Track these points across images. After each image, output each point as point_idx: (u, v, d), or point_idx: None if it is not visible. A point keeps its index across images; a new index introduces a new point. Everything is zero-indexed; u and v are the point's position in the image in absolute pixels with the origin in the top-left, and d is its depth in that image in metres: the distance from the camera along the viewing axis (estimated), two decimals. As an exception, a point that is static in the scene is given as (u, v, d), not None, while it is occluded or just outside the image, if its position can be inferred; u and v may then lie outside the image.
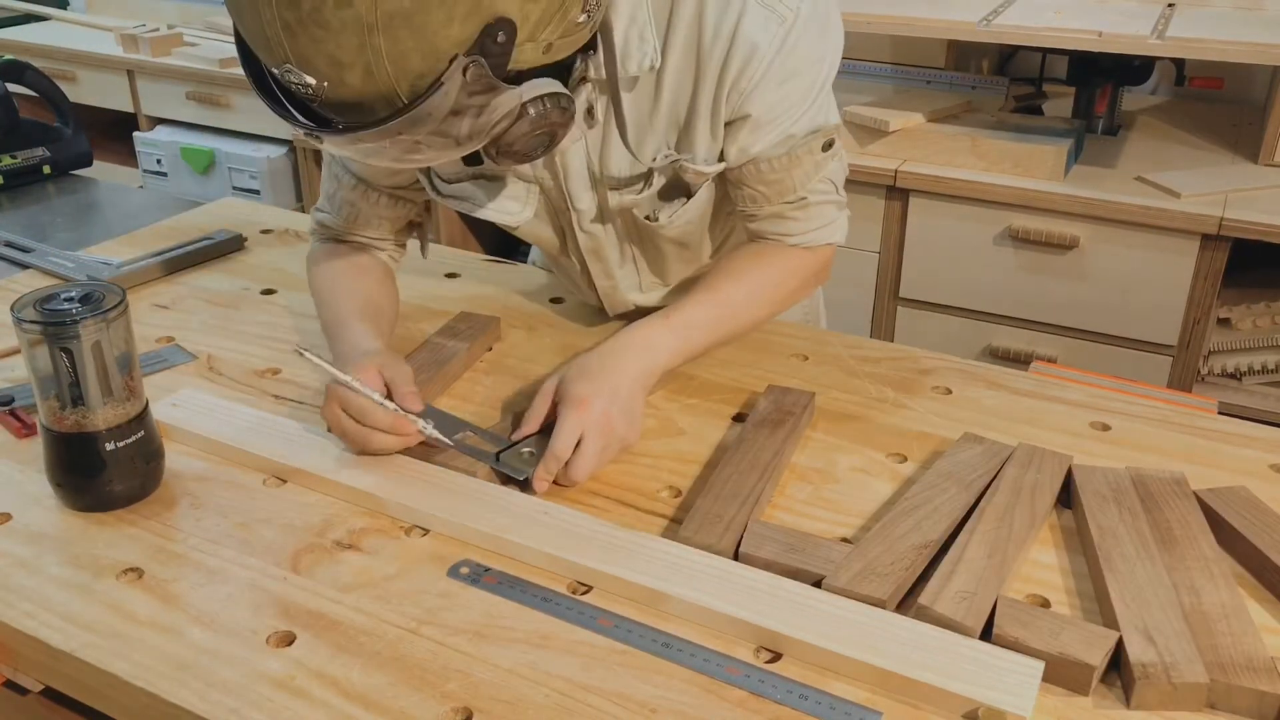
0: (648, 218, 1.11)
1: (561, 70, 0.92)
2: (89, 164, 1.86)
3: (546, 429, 0.98)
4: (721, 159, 1.06)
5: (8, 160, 1.75)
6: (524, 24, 0.82)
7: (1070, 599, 0.84)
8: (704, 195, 1.11)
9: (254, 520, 0.92)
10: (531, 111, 0.86)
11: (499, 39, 0.81)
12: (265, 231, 1.53)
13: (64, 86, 1.94)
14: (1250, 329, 2.18)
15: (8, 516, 0.93)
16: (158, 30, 3.21)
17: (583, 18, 0.88)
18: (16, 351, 1.15)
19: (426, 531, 0.91)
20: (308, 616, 0.81)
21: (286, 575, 0.86)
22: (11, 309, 0.88)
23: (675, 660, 0.77)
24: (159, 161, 3.17)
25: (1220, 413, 1.10)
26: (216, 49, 3.10)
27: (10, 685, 0.84)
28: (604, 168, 1.08)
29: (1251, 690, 0.73)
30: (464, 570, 0.86)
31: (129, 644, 0.79)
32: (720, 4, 0.98)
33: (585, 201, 1.11)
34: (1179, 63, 2.47)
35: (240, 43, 0.86)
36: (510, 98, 0.84)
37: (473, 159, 0.96)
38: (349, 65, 0.78)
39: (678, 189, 1.10)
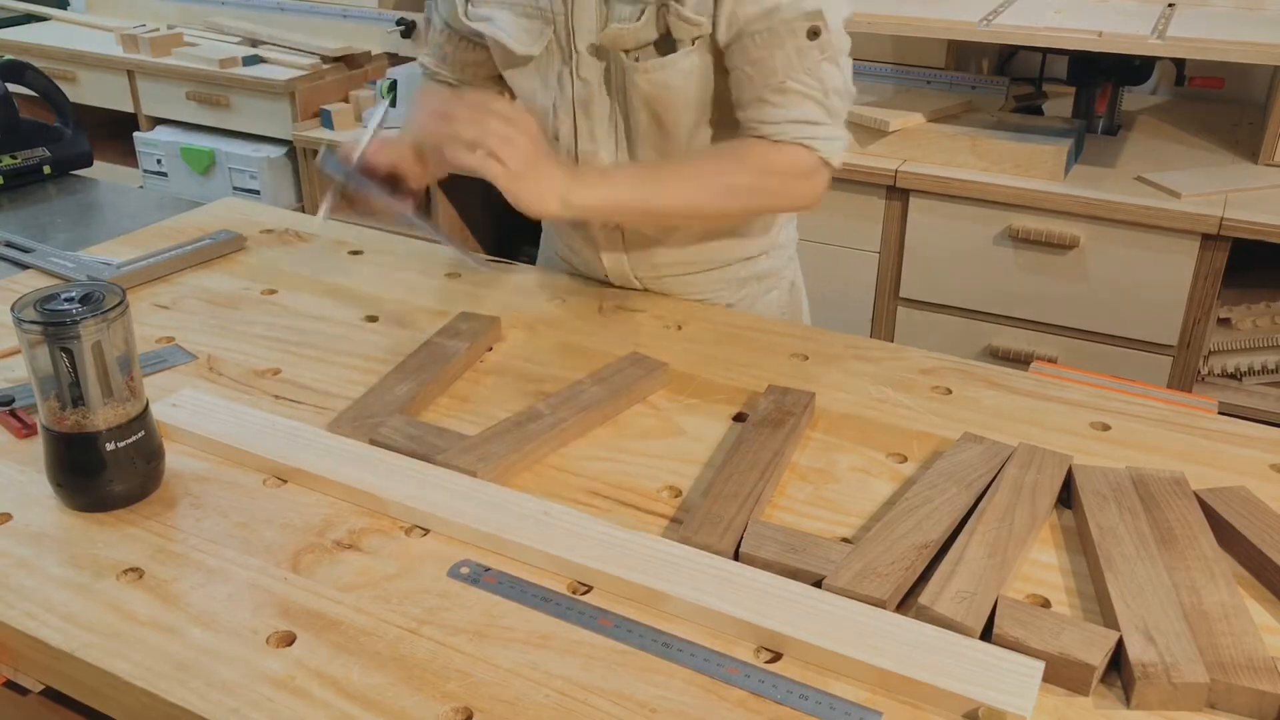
0: (634, 55, 1.14)
1: None
2: (89, 164, 1.86)
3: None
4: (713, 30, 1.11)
5: (8, 160, 1.74)
6: None
7: (1070, 599, 0.84)
8: (686, 64, 1.14)
9: (254, 520, 0.92)
10: None
11: None
12: (265, 231, 1.53)
13: (64, 86, 1.93)
14: (1250, 329, 2.18)
15: (8, 516, 0.93)
16: (158, 30, 3.21)
17: None
18: (17, 351, 1.15)
19: (426, 531, 0.91)
20: (308, 616, 0.81)
21: (287, 575, 0.86)
22: (12, 309, 0.88)
23: (675, 660, 0.77)
24: (159, 161, 3.17)
25: (1220, 413, 1.10)
26: (216, 49, 3.10)
27: (10, 685, 0.84)
28: (610, 6, 1.14)
29: (1252, 690, 0.73)
30: (464, 570, 0.86)
31: (129, 644, 0.79)
32: None
33: (587, 41, 1.16)
34: (1179, 62, 2.47)
35: None
36: None
37: None
38: None
39: (670, 48, 1.14)
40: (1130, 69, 2.31)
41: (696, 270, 1.34)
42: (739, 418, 1.08)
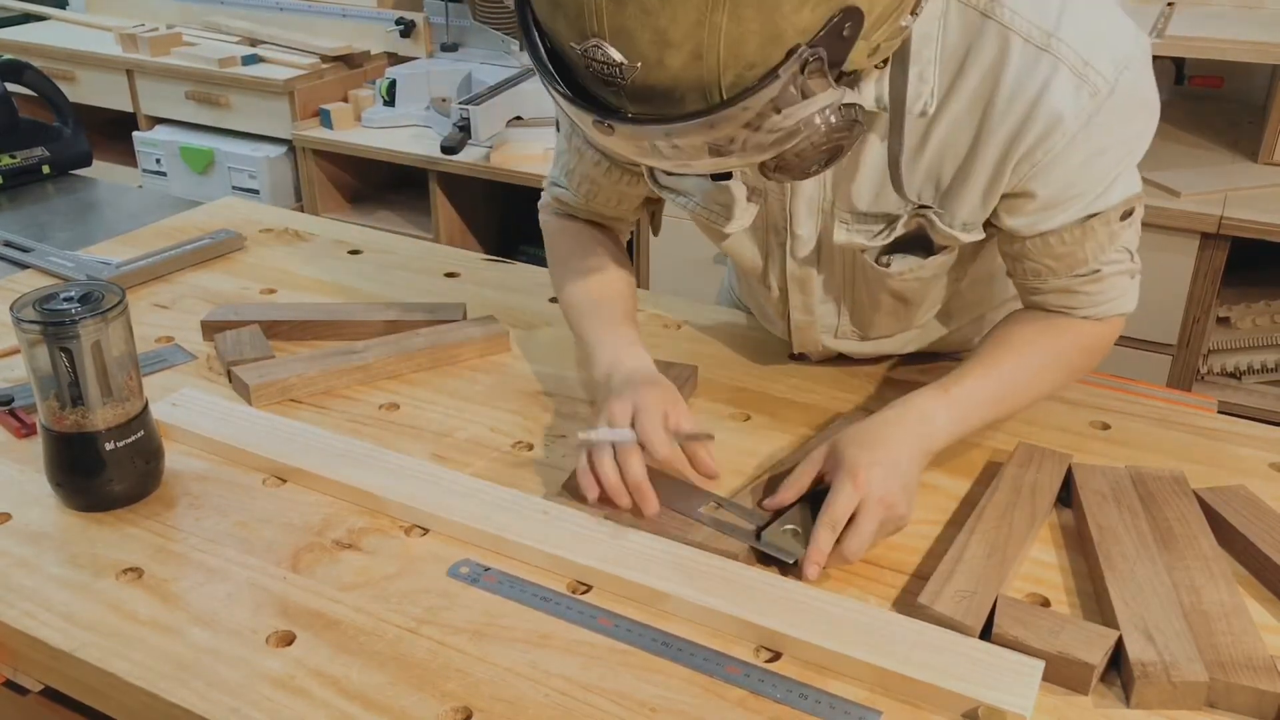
0: (878, 261, 1.00)
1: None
2: (88, 164, 1.86)
3: (808, 501, 0.90)
4: (986, 227, 0.95)
5: (7, 160, 1.74)
6: (868, 16, 0.72)
7: (1070, 598, 0.84)
8: (945, 258, 0.99)
9: (254, 520, 0.92)
10: (830, 120, 0.74)
11: (845, 31, 0.71)
12: (265, 231, 1.53)
13: (63, 86, 1.93)
14: (1250, 328, 2.18)
15: (8, 516, 0.93)
16: (157, 30, 3.21)
17: (906, 20, 0.77)
18: (16, 351, 1.15)
19: (426, 531, 0.91)
20: (308, 616, 0.81)
21: (286, 575, 0.86)
22: (11, 309, 0.88)
23: (675, 659, 0.77)
24: (158, 161, 3.17)
25: (1220, 411, 1.10)
26: (215, 49, 3.10)
27: (10, 685, 0.84)
28: (837, 198, 0.97)
29: (1251, 689, 0.73)
30: (464, 570, 0.86)
31: (129, 644, 0.79)
32: (1025, 63, 0.85)
33: (806, 229, 1.00)
34: (1179, 62, 2.47)
35: (524, 9, 0.76)
36: (826, 98, 0.72)
37: (721, 173, 0.86)
38: (677, 45, 0.68)
39: (916, 244, 0.98)
40: (1130, 68, 2.30)
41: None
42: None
